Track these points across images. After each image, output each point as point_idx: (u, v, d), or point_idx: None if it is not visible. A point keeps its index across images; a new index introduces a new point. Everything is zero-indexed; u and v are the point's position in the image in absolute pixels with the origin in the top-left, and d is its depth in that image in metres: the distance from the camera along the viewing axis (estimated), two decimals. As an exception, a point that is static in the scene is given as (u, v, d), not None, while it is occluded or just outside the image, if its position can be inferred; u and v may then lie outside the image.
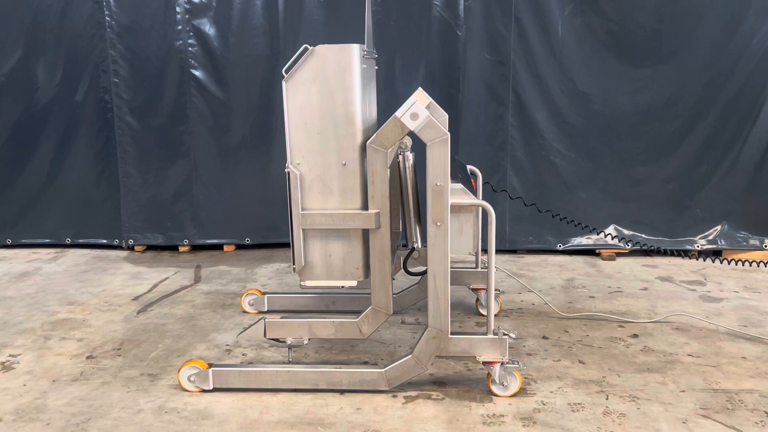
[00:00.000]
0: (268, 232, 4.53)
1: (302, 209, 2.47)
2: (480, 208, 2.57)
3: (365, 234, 2.47)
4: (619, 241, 3.63)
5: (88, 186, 4.55)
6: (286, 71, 2.40)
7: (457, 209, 2.42)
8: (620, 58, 4.09)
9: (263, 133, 4.34)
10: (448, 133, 2.31)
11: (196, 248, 4.57)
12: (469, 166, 3.22)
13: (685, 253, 4.04)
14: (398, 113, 2.35)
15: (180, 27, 4.24)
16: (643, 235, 4.24)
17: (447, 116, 3.15)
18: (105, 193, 4.54)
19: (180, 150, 4.41)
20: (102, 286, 3.82)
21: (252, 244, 4.55)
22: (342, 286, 2.56)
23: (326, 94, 2.39)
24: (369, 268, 2.50)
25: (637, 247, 3.92)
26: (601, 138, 4.20)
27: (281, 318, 2.70)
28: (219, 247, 4.58)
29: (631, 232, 4.25)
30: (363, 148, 2.43)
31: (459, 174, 2.75)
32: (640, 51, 4.06)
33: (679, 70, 4.05)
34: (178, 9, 4.22)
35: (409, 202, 2.81)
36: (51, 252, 4.57)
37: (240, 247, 4.59)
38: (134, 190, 4.44)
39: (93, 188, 4.54)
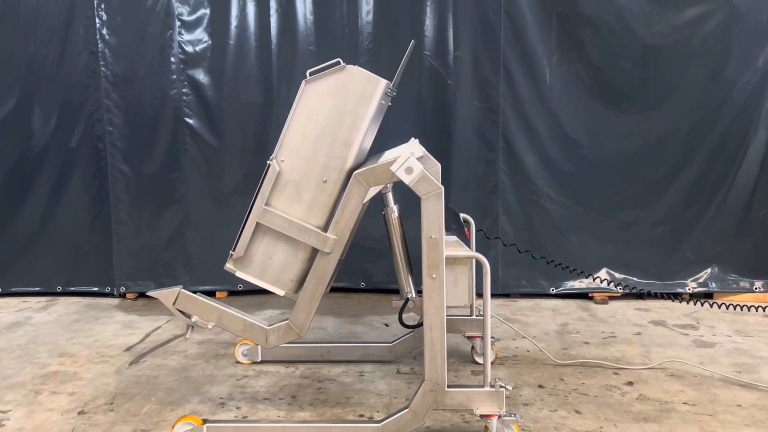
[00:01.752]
0: (261, 278, 4.52)
1: (266, 203, 2.47)
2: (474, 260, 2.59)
3: (313, 253, 2.47)
4: (612, 285, 3.65)
5: (81, 233, 4.54)
6: (311, 74, 2.42)
7: (452, 261, 2.44)
8: (607, 104, 4.18)
9: (256, 179, 4.35)
10: (442, 187, 2.34)
11: (188, 295, 4.54)
12: (461, 215, 3.25)
13: (676, 297, 4.08)
14: (393, 167, 2.39)
15: (175, 76, 4.30)
16: (635, 278, 4.27)
17: (439, 166, 3.18)
18: (97, 240, 4.53)
19: (173, 197, 4.42)
20: (94, 336, 3.79)
21: (244, 291, 4.53)
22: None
23: (337, 111, 2.41)
24: (301, 285, 2.49)
25: (629, 291, 3.95)
26: (590, 182, 4.26)
27: (197, 294, 2.64)
28: (211, 293, 4.56)
29: (623, 276, 4.28)
30: (348, 175, 2.44)
31: (453, 225, 2.77)
32: (626, 98, 4.16)
33: (665, 116, 4.15)
34: (172, 59, 4.29)
35: (398, 253, 2.83)
36: (42, 300, 4.53)
37: (232, 293, 4.57)
38: (127, 237, 4.44)
39: (85, 235, 4.53)
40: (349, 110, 2.41)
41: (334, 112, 2.41)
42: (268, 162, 2.45)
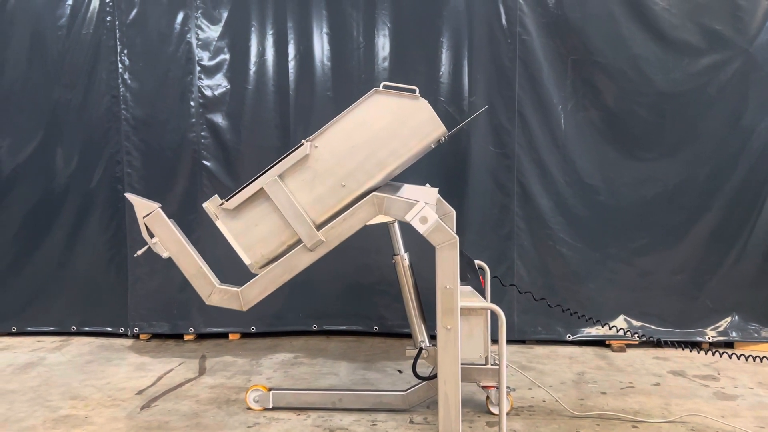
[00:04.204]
0: (273, 320, 4.51)
1: (279, 175, 2.45)
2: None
3: (296, 243, 2.47)
4: (629, 334, 3.58)
5: (97, 274, 4.56)
6: (385, 87, 2.44)
7: (467, 312, 2.42)
8: (623, 151, 4.18)
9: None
10: (457, 237, 2.34)
11: (201, 336, 4.54)
12: (476, 261, 3.24)
13: (695, 346, 4.00)
14: (408, 215, 2.40)
15: (194, 120, 4.37)
16: (653, 326, 4.19)
17: (454, 212, 3.20)
18: (113, 280, 4.55)
19: (189, 238, 4.39)
20: (106, 378, 3.77)
21: (257, 333, 4.51)
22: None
23: (388, 132, 2.43)
24: (269, 265, 2.49)
25: (646, 339, 3.88)
26: (607, 228, 4.23)
27: (171, 221, 2.65)
28: (224, 335, 4.54)
29: (641, 323, 4.21)
30: (366, 193, 2.45)
31: (468, 274, 2.76)
32: (642, 144, 4.15)
33: (682, 163, 4.13)
34: (192, 103, 4.37)
35: (411, 301, 2.81)
36: (56, 340, 4.54)
37: (245, 335, 4.55)
38: (142, 278, 4.46)
39: (101, 276, 4.56)
40: (400, 137, 2.43)
41: (386, 131, 2.43)
42: (303, 141, 2.45)
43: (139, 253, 2.69)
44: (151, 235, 2.60)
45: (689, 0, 4.04)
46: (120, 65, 4.37)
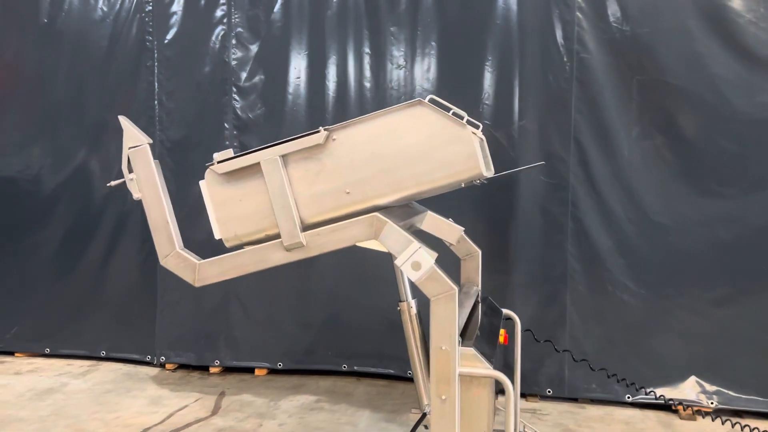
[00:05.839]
0: (302, 357, 4.22)
1: (282, 157, 2.08)
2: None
3: (276, 236, 2.09)
4: (703, 399, 3.02)
5: (128, 299, 4.45)
6: (432, 101, 2.08)
7: (468, 380, 2.01)
8: (698, 185, 3.61)
9: (303, 252, 4.12)
10: (455, 288, 1.94)
11: (227, 370, 4.31)
12: (505, 311, 2.80)
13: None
14: (398, 260, 2.02)
15: (228, 143, 4.20)
16: (731, 392, 3.57)
17: (480, 252, 2.79)
18: (143, 307, 4.42)
19: (219, 266, 4.25)
20: (118, 411, 3.60)
21: (284, 369, 4.23)
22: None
23: (418, 151, 2.01)
24: (242, 248, 2.14)
25: (720, 407, 3.28)
26: (677, 274, 3.66)
27: (156, 162, 2.35)
28: (251, 370, 4.29)
29: (716, 388, 3.59)
30: (371, 209, 2.06)
31: (479, 330, 2.33)
32: (722, 178, 3.58)
33: (769, 201, 3.52)
34: (226, 125, 4.20)
35: (416, 355, 2.43)
36: (84, 365, 4.44)
37: (272, 371, 4.28)
38: (171, 306, 4.30)
39: (132, 302, 4.45)
40: (428, 163, 2.02)
41: (416, 149, 2.02)
42: (320, 128, 2.09)
43: (112, 183, 2.44)
44: (131, 171, 2.33)
45: (782, 11, 3.46)
46: (157, 86, 4.28)
